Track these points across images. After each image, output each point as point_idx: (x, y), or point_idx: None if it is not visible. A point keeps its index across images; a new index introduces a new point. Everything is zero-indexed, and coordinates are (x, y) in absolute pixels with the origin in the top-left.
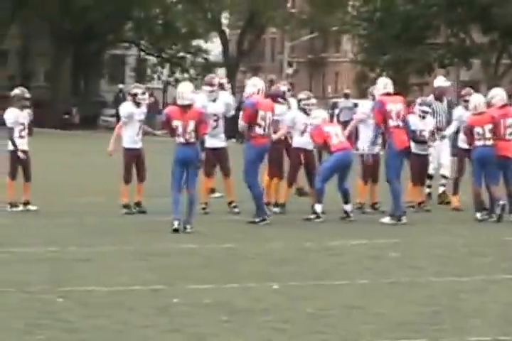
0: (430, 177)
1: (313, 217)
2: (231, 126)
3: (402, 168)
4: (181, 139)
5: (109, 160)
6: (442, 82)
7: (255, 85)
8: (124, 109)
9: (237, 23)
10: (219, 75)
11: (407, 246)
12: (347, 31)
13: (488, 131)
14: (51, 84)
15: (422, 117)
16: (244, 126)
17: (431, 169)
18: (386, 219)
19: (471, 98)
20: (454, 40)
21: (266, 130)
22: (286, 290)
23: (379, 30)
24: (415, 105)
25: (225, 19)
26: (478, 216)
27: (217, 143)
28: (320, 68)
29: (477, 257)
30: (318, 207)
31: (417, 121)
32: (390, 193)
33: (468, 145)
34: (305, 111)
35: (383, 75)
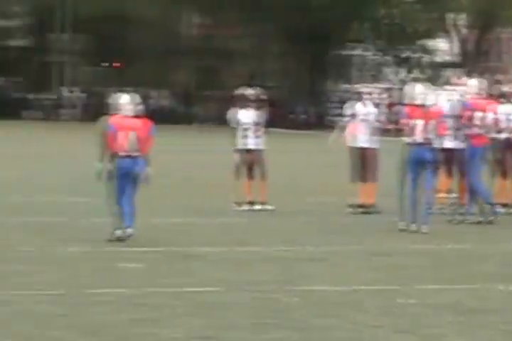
0: None
1: None
2: None
3: None
4: (417, 139)
5: (339, 159)
6: None
7: (474, 86)
8: (350, 107)
9: (466, 23)
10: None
11: None
12: None
13: None
14: (280, 84)
15: None
16: (462, 126)
17: None
18: None
19: None
20: None
21: (484, 130)
22: None
23: None
24: None
25: (455, 19)
26: None
27: (450, 143)
28: None
29: None
30: None
31: None
32: None
33: None
34: None
35: None
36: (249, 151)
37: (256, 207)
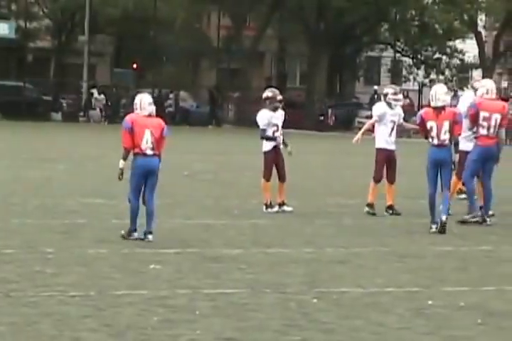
0: None
1: None
2: None
3: None
4: (435, 140)
5: (364, 161)
6: None
7: (484, 86)
8: (376, 108)
9: (494, 23)
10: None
11: None
12: None
13: None
14: (307, 85)
15: None
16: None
17: None
18: None
19: None
20: None
21: (490, 130)
22: None
23: None
24: None
25: (481, 20)
26: None
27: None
28: None
29: None
30: None
31: None
32: None
33: None
34: None
35: None
36: (277, 152)
37: (285, 208)
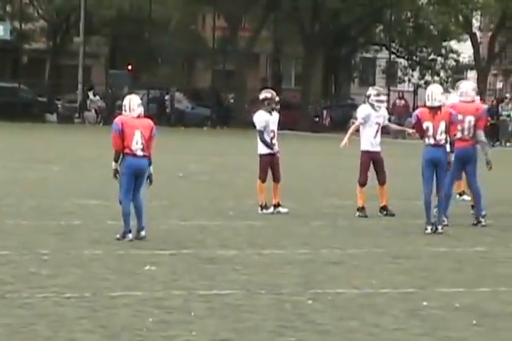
0: None
1: None
2: None
3: None
4: (431, 140)
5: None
6: None
7: (460, 88)
8: (360, 111)
9: (489, 24)
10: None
11: None
12: None
13: None
14: (302, 86)
15: None
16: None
17: None
18: None
19: None
20: None
21: (465, 133)
22: None
23: None
24: None
25: (477, 21)
26: None
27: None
28: None
29: None
30: None
31: None
32: None
33: None
34: None
35: None
36: (273, 155)
37: (281, 209)
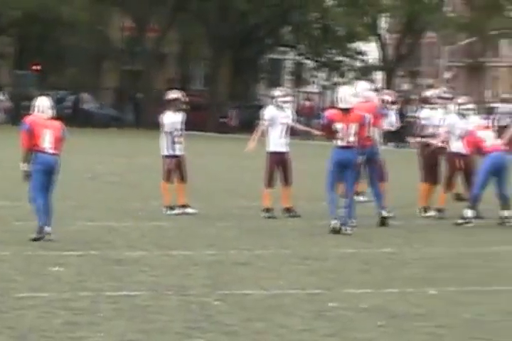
0: None
1: (461, 221)
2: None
3: None
4: (342, 142)
5: (263, 163)
6: None
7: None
8: (266, 112)
9: (396, 26)
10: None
11: None
12: (507, 36)
13: None
14: (210, 87)
15: None
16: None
17: None
18: None
19: None
20: None
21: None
22: (443, 295)
23: None
24: None
25: (383, 23)
26: None
27: None
28: (478, 73)
29: None
30: (469, 213)
31: None
32: None
33: None
34: (463, 115)
35: None
36: (178, 155)
37: (189, 210)
